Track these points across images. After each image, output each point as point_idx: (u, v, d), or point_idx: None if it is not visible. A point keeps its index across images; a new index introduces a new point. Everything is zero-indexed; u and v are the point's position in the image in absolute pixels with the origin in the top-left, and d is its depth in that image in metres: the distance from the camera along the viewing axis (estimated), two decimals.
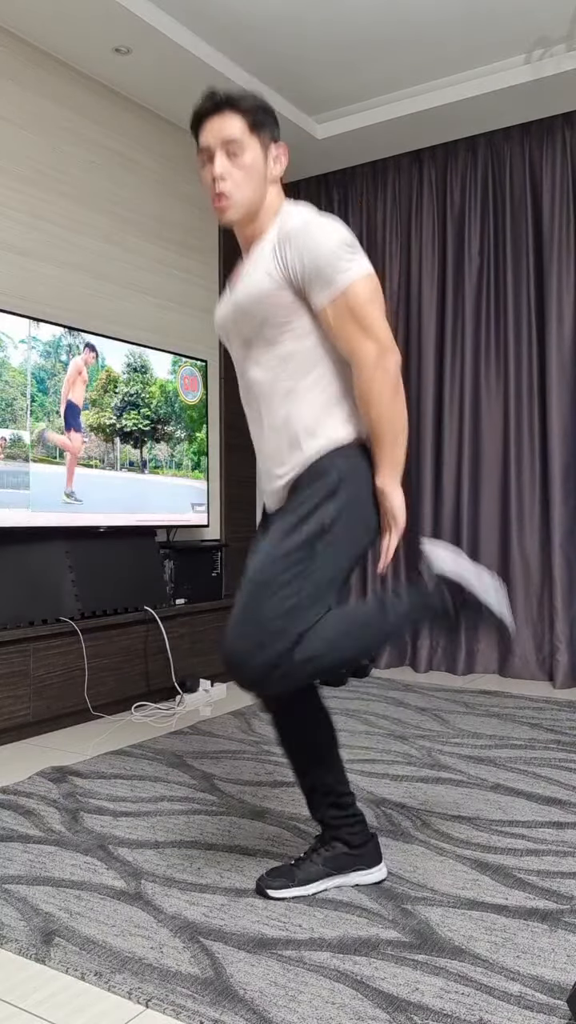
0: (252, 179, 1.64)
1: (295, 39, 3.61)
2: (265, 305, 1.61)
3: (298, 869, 1.79)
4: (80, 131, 3.71)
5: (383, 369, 1.59)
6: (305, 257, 1.56)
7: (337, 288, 1.57)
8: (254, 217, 1.68)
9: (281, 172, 1.70)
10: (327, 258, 1.56)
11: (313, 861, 1.80)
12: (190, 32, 3.54)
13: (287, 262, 1.58)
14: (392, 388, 1.60)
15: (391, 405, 1.60)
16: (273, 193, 1.70)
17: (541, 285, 4.18)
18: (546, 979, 1.46)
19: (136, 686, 3.46)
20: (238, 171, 1.63)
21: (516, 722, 3.24)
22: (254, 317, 1.63)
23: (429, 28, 3.54)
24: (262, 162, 1.65)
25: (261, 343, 1.66)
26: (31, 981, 1.49)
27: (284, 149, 1.70)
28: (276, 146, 1.69)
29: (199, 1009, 1.38)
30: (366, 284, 1.58)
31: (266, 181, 1.67)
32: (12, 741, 2.99)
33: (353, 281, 1.57)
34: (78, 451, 3.40)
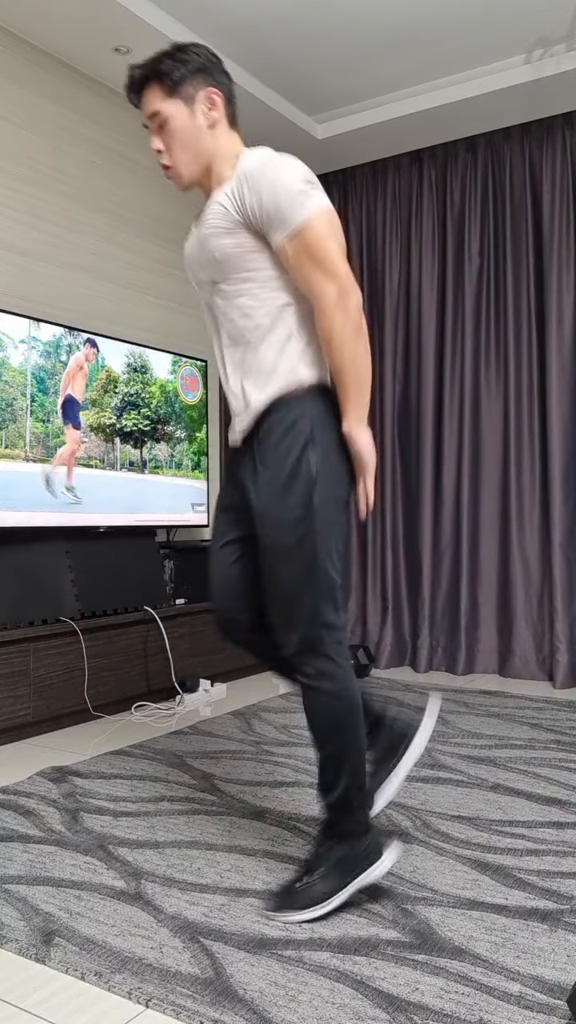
0: (185, 141, 1.66)
1: (295, 39, 3.61)
2: (226, 247, 1.60)
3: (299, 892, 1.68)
4: (80, 131, 3.72)
5: (343, 308, 1.56)
6: (263, 195, 1.55)
7: (294, 225, 1.55)
8: (208, 170, 1.69)
9: (219, 116, 1.68)
10: (284, 195, 1.54)
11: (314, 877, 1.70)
12: (190, 32, 3.54)
13: (244, 203, 1.57)
14: (354, 328, 1.58)
15: (353, 346, 1.58)
16: (224, 139, 1.69)
17: (541, 285, 4.18)
18: (546, 979, 1.46)
19: (136, 686, 3.46)
20: (169, 139, 1.66)
21: (516, 722, 3.24)
22: (216, 259, 1.62)
23: (429, 28, 3.54)
24: (189, 120, 1.65)
25: (226, 284, 1.64)
26: (31, 981, 1.49)
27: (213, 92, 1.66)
28: (204, 93, 1.66)
29: (199, 1009, 1.38)
30: (323, 220, 1.55)
31: (201, 133, 1.67)
32: (12, 741, 3.00)
33: (310, 217, 1.54)
34: (76, 448, 3.40)
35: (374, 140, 4.37)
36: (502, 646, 4.22)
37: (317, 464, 1.60)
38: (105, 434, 3.55)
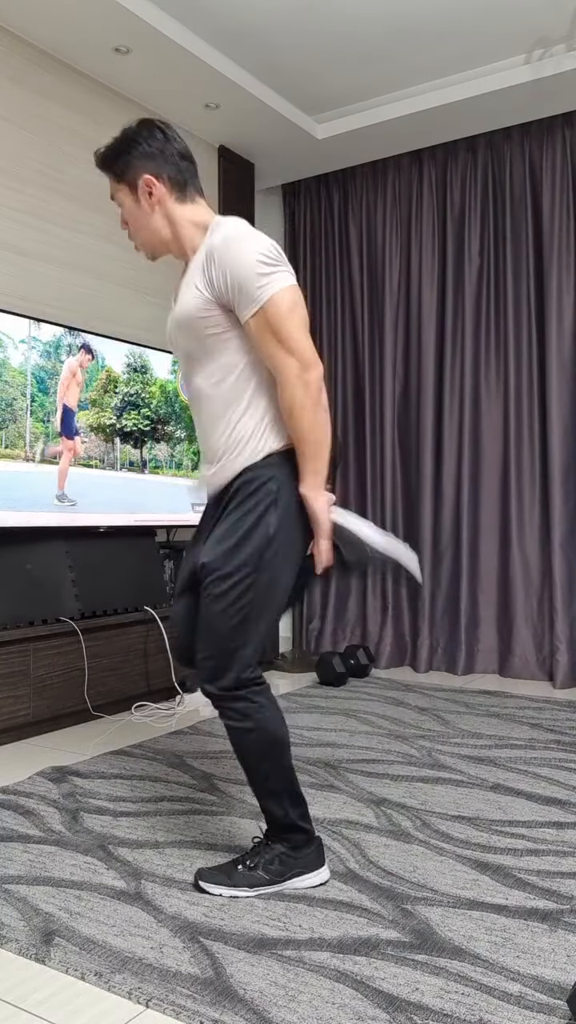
0: (137, 223, 1.81)
1: (295, 39, 3.61)
2: (199, 321, 1.69)
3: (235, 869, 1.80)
4: (80, 131, 3.72)
5: (304, 383, 1.64)
6: (228, 274, 1.62)
7: (256, 303, 1.61)
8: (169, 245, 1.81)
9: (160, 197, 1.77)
10: (245, 274, 1.61)
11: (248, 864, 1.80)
12: (190, 32, 3.54)
13: (213, 280, 1.65)
14: (313, 401, 1.65)
15: (313, 417, 1.65)
16: (177, 213, 1.77)
17: (541, 285, 4.18)
18: (546, 979, 1.46)
19: (136, 686, 3.46)
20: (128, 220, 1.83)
21: (516, 722, 3.24)
22: (191, 332, 1.71)
23: (429, 28, 3.54)
24: (135, 205, 1.78)
25: (200, 355, 1.73)
26: (31, 981, 1.49)
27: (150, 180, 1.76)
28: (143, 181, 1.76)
29: (199, 1009, 1.38)
30: (284, 297, 1.61)
31: (148, 217, 1.78)
32: (12, 741, 3.00)
33: (271, 296, 1.61)
34: (76, 453, 3.40)
35: (374, 140, 4.37)
36: (502, 646, 4.22)
37: (276, 525, 1.69)
38: (105, 434, 3.55)
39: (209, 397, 1.75)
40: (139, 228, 1.80)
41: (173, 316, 1.77)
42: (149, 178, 1.75)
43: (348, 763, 2.72)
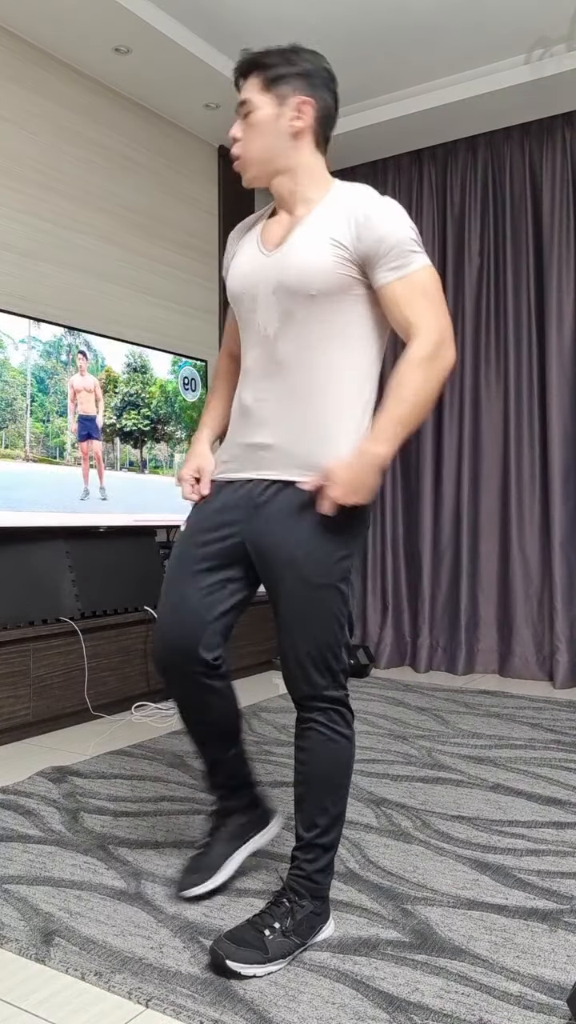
0: (260, 135, 1.60)
1: (295, 39, 3.61)
2: (326, 276, 1.53)
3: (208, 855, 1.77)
4: (80, 131, 3.72)
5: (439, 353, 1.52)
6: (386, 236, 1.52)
7: (413, 267, 1.53)
8: (283, 174, 1.62)
9: (304, 127, 1.60)
10: (402, 237, 1.53)
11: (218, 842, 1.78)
12: (190, 32, 3.54)
13: (365, 239, 1.52)
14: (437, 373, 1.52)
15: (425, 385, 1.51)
16: (307, 154, 1.62)
17: (541, 285, 4.18)
18: (546, 979, 1.46)
19: (136, 686, 3.46)
20: (249, 131, 1.61)
21: (516, 722, 3.24)
22: (307, 286, 1.54)
23: (429, 28, 3.54)
24: (272, 117, 1.59)
25: (307, 317, 1.56)
26: (31, 981, 1.49)
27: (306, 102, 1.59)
28: (296, 99, 1.59)
29: (199, 1009, 1.38)
30: (433, 270, 1.57)
31: (279, 135, 1.60)
32: (12, 741, 2.99)
33: (426, 263, 1.55)
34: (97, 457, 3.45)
35: (374, 140, 4.37)
36: (502, 646, 4.22)
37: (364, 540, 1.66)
38: (105, 434, 3.55)
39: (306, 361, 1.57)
40: (262, 146, 1.60)
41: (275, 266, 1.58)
42: (307, 100, 1.59)
43: None
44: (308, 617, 1.55)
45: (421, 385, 1.50)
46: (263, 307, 1.60)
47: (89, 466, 3.47)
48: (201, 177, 4.40)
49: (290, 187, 1.62)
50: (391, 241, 1.51)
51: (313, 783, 1.58)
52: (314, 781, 1.58)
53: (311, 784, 1.59)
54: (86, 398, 3.47)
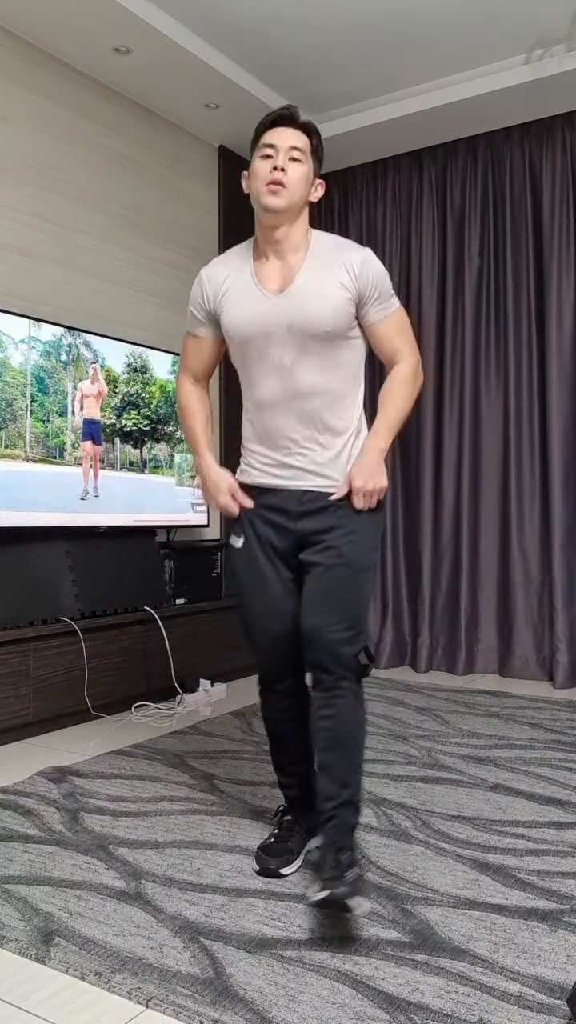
0: (301, 186, 1.87)
1: (295, 39, 3.61)
2: (338, 315, 1.83)
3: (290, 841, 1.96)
4: (80, 131, 3.72)
5: (418, 371, 1.96)
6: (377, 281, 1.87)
7: (393, 307, 1.93)
8: (290, 221, 1.89)
9: (316, 199, 1.95)
10: (387, 285, 1.91)
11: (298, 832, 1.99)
12: (190, 32, 3.54)
13: (362, 282, 1.85)
14: (417, 387, 1.96)
15: (413, 397, 1.95)
16: (304, 213, 1.94)
17: (541, 285, 4.18)
18: (546, 979, 1.46)
19: (136, 686, 3.46)
20: (296, 172, 1.85)
21: (516, 722, 3.24)
22: (323, 324, 1.82)
23: (429, 28, 3.54)
24: (310, 180, 1.90)
25: (321, 349, 1.85)
26: (31, 981, 1.49)
27: (323, 184, 1.96)
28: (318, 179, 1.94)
29: (199, 1009, 1.38)
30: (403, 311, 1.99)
31: (306, 197, 1.91)
32: (12, 741, 3.00)
33: (399, 305, 1.97)
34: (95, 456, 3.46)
35: (374, 140, 4.37)
36: (502, 646, 4.22)
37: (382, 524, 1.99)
38: (105, 434, 3.55)
39: (320, 388, 1.87)
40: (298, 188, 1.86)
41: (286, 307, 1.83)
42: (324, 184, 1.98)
43: None
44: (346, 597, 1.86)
45: (408, 396, 1.93)
46: (278, 343, 1.85)
47: (88, 465, 3.47)
48: (201, 177, 4.40)
49: (289, 234, 1.89)
50: (381, 287, 1.88)
51: (347, 745, 1.82)
52: (348, 743, 1.82)
53: (345, 746, 1.81)
54: (92, 404, 3.49)
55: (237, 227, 4.61)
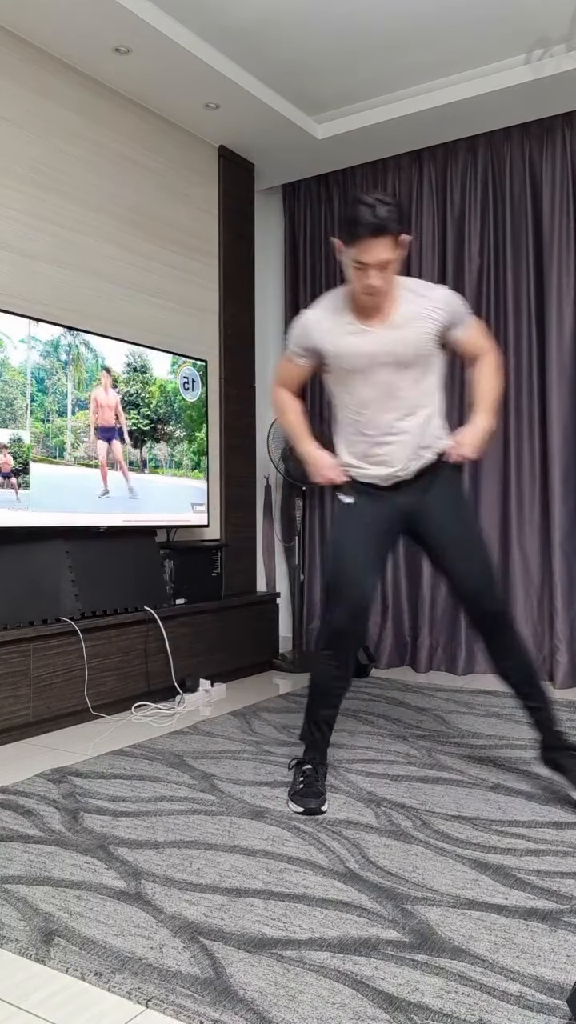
0: (391, 279, 2.25)
1: (295, 39, 3.61)
2: (431, 341, 2.33)
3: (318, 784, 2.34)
4: (80, 131, 3.71)
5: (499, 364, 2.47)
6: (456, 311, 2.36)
7: (470, 319, 2.41)
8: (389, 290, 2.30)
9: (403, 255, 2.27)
10: (463, 308, 2.39)
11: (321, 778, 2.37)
12: (190, 32, 3.54)
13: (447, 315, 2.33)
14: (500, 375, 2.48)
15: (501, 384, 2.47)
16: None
17: (541, 285, 4.18)
18: (546, 979, 1.46)
19: (136, 686, 3.46)
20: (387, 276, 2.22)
21: (516, 722, 3.24)
22: (422, 349, 2.32)
23: (429, 28, 3.54)
24: (397, 256, 2.22)
25: (417, 369, 2.34)
26: (31, 981, 1.49)
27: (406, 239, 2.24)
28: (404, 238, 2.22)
29: (199, 1009, 1.38)
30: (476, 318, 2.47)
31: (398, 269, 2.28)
32: (12, 741, 3.00)
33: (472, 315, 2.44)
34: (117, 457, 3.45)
35: (374, 140, 4.37)
36: None
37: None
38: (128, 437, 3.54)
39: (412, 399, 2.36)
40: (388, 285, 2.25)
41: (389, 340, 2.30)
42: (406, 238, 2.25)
43: (348, 763, 2.72)
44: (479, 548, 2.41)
45: (498, 383, 2.45)
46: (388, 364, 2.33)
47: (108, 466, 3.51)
48: (201, 177, 4.40)
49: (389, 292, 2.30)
50: (460, 313, 2.37)
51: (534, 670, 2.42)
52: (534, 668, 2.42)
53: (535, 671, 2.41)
54: (107, 413, 3.51)
55: (237, 227, 4.61)
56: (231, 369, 4.55)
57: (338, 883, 1.84)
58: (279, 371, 2.54)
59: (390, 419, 2.36)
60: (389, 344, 2.32)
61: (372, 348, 2.32)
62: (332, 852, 2.01)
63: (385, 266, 2.19)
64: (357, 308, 2.33)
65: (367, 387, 2.36)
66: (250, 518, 4.68)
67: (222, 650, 3.98)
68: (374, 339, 2.32)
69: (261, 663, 4.32)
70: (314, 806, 2.26)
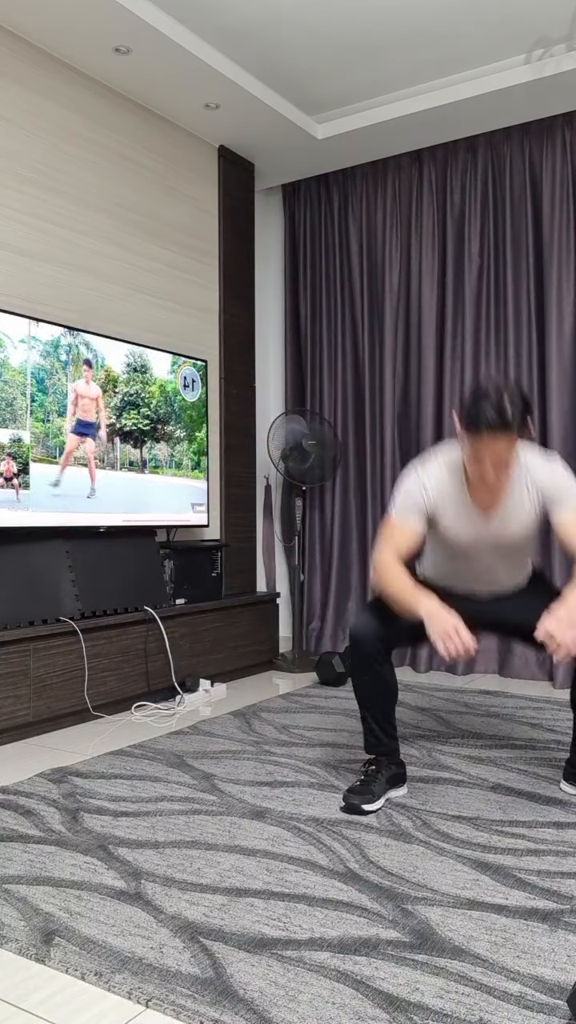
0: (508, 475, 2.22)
1: (295, 39, 3.61)
2: (531, 528, 2.32)
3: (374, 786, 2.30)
4: (80, 131, 3.71)
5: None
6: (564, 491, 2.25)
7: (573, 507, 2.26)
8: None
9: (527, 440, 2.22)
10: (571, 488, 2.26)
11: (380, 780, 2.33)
12: (190, 32, 3.54)
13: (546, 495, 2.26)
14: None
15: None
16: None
17: (541, 285, 4.18)
18: (546, 979, 1.46)
19: (136, 686, 3.46)
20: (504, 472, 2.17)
21: (516, 722, 3.24)
22: (521, 538, 2.33)
23: (429, 28, 3.54)
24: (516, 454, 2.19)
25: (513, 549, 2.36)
26: (31, 981, 1.49)
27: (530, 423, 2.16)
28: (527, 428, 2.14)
29: (199, 1009, 1.38)
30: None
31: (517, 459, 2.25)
32: (12, 741, 3.00)
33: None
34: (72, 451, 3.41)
35: (374, 140, 4.37)
36: (502, 646, 4.22)
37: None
38: (105, 434, 3.54)
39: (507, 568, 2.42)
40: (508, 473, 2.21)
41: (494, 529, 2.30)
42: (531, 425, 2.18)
43: (348, 763, 2.72)
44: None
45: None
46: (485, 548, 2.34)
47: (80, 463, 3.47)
48: (201, 177, 4.40)
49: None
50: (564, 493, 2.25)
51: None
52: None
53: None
54: (88, 405, 3.48)
55: (237, 227, 4.61)
56: (231, 369, 4.55)
57: (338, 883, 1.84)
58: (391, 536, 2.33)
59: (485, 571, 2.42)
60: (493, 532, 2.32)
61: (477, 534, 2.33)
62: (332, 852, 2.01)
63: (505, 464, 2.15)
64: (472, 484, 2.29)
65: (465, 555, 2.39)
66: (250, 518, 4.68)
67: (222, 650, 3.98)
68: (481, 526, 2.32)
69: (261, 663, 4.32)
70: (355, 802, 2.27)
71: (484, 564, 2.41)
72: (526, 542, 2.37)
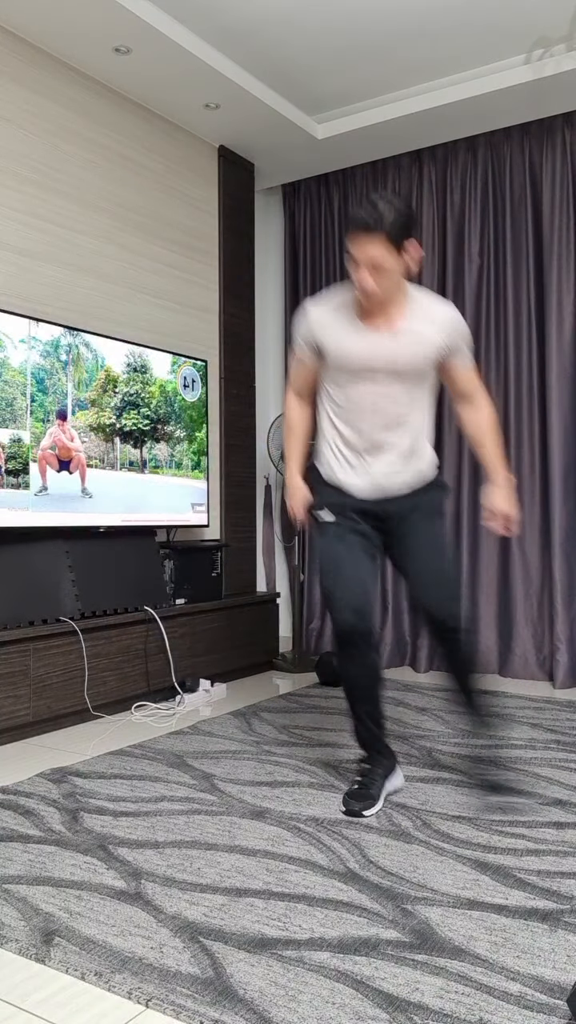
0: (390, 279, 2.18)
1: (295, 39, 3.61)
2: (429, 360, 2.30)
3: (372, 789, 2.31)
4: (80, 131, 3.71)
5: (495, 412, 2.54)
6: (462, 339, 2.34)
7: (470, 358, 2.41)
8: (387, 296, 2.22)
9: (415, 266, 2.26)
10: (469, 341, 2.39)
11: (377, 781, 2.33)
12: (190, 32, 3.54)
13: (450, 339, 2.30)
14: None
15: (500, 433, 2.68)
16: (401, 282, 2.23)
17: (541, 285, 4.18)
18: (546, 979, 1.46)
19: (136, 686, 3.46)
20: (380, 278, 2.16)
21: (516, 722, 3.24)
22: (418, 366, 2.29)
23: (429, 28, 3.54)
24: (398, 266, 2.17)
25: (411, 382, 2.31)
26: (31, 981, 1.49)
27: (415, 245, 2.19)
28: (410, 243, 2.16)
29: (199, 1009, 1.38)
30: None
31: (401, 275, 2.20)
32: (12, 741, 3.00)
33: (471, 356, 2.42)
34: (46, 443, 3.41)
35: (374, 140, 4.37)
36: (502, 646, 4.22)
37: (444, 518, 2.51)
38: (105, 434, 3.55)
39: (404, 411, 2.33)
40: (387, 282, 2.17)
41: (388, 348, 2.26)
42: (416, 243, 2.21)
43: (348, 763, 2.72)
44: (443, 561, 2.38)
45: (497, 431, 2.50)
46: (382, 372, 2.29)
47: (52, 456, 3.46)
48: (201, 177, 4.40)
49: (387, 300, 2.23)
50: (465, 343, 2.35)
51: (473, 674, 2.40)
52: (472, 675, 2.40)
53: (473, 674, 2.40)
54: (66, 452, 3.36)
55: (237, 227, 4.61)
56: (231, 369, 4.55)
57: (338, 883, 1.84)
58: (291, 373, 2.49)
59: (377, 428, 2.33)
60: (387, 351, 2.28)
61: (369, 352, 2.28)
62: (332, 852, 2.01)
63: (378, 267, 2.13)
64: (361, 308, 2.28)
65: (357, 390, 2.32)
66: (250, 518, 4.68)
67: (222, 650, 3.98)
68: (373, 343, 2.28)
69: (261, 663, 4.32)
70: (356, 808, 2.25)
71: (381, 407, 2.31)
72: (422, 377, 2.30)
